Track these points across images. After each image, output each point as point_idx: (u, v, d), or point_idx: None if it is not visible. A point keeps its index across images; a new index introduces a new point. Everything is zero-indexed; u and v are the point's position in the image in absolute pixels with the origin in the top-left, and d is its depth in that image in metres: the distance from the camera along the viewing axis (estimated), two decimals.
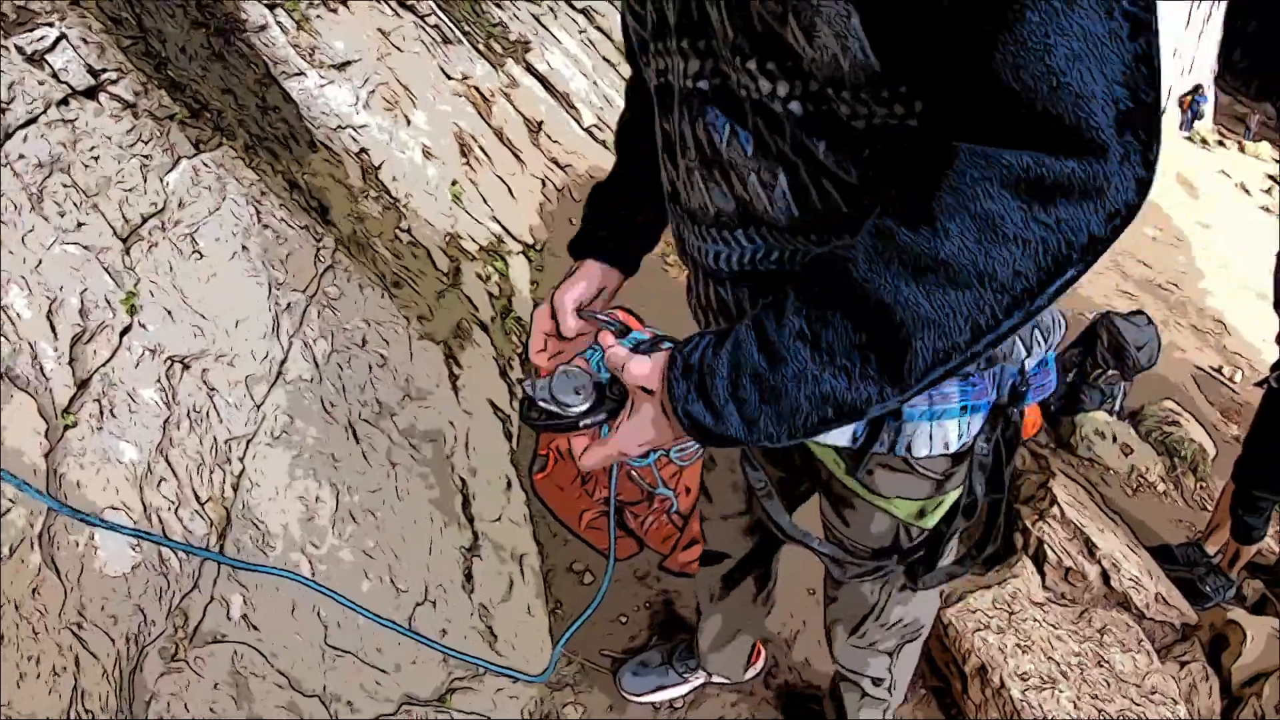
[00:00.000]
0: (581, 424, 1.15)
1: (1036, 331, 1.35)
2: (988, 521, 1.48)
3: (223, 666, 1.91)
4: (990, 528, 1.49)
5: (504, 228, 3.69)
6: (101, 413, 1.93)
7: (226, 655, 1.92)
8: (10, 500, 1.64)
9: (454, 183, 3.60)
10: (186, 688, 1.83)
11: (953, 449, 1.35)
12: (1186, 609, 3.23)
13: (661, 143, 1.33)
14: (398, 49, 3.84)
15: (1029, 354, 1.34)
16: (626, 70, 5.04)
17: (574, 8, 5.37)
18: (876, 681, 2.09)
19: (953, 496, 1.48)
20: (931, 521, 1.51)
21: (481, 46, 4.40)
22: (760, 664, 2.75)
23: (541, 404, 1.16)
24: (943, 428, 1.33)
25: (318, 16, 3.49)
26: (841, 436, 1.36)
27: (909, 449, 1.34)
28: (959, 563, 1.59)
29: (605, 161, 4.50)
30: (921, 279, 0.88)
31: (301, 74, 3.26)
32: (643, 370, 1.08)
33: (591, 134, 4.71)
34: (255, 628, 1.99)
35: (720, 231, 1.25)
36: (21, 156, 2.17)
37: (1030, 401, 1.39)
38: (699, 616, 2.47)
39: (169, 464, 2.00)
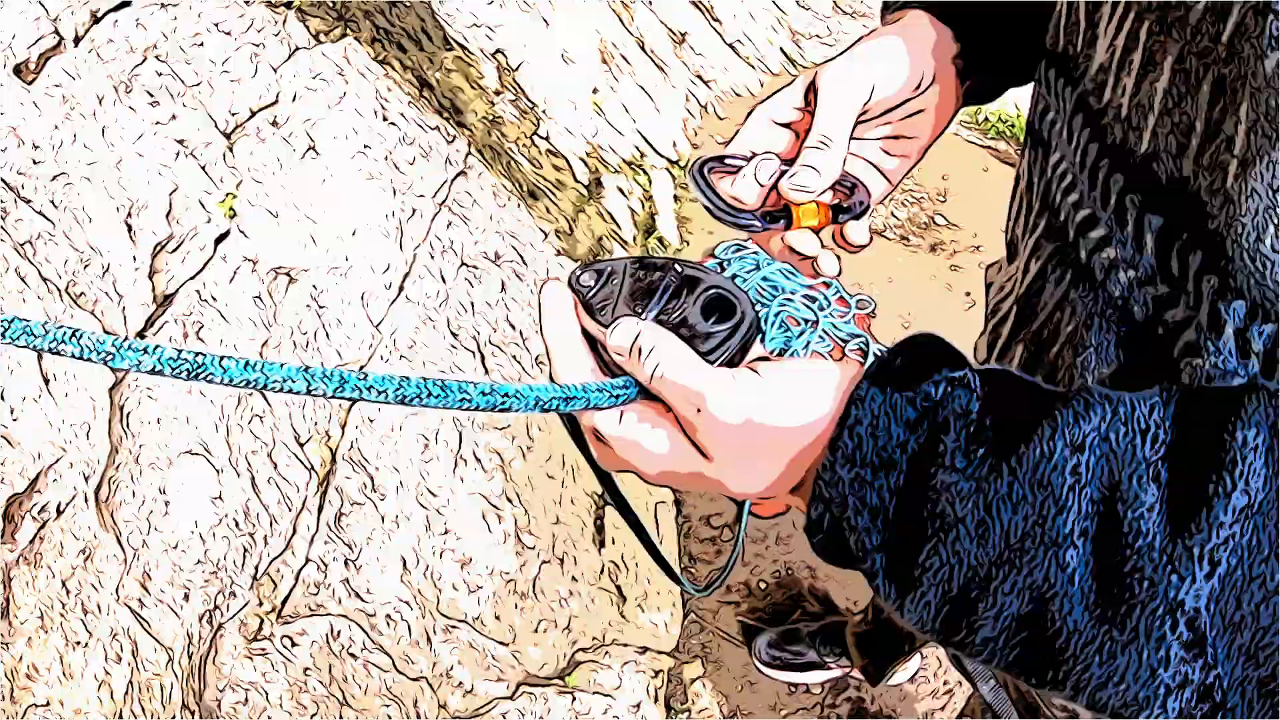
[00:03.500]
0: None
1: None
2: None
3: (315, 645, 1.51)
4: None
5: (647, 141, 3.20)
6: (185, 335, 1.52)
7: (321, 632, 1.51)
8: (62, 449, 1.23)
9: (594, 90, 3.11)
10: (269, 673, 1.43)
11: None
12: None
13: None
14: None
15: None
16: None
17: None
18: None
19: None
20: None
21: None
22: (912, 665, 2.25)
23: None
24: None
25: None
26: None
27: None
28: None
29: (750, 79, 3.96)
30: None
31: None
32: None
33: (735, 49, 4.15)
34: (358, 595, 1.59)
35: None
36: (110, 41, 1.75)
37: None
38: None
39: (264, 396, 1.59)
